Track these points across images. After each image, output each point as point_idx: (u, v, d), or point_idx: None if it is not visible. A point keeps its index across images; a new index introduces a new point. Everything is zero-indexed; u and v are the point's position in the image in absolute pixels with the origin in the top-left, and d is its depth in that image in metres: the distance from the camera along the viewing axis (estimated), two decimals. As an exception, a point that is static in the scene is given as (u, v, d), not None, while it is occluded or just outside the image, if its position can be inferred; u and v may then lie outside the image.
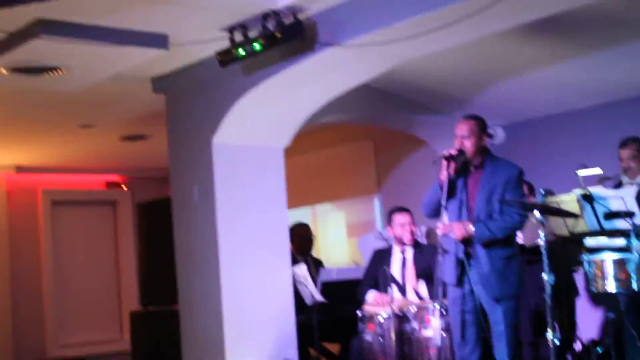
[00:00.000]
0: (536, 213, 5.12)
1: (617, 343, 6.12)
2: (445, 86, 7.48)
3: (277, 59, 6.13)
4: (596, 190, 5.93)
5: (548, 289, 5.04)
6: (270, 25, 5.76)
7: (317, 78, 6.39)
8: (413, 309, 6.01)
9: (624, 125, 6.99)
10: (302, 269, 6.93)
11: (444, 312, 5.49)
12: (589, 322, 7.31)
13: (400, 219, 6.77)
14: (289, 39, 5.74)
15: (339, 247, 9.99)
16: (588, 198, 5.79)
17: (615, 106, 7.36)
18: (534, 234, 6.23)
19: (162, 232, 8.08)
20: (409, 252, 6.74)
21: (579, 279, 7.24)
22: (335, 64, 6.10)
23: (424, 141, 8.76)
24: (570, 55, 6.54)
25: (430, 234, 7.80)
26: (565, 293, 5.78)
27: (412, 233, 6.74)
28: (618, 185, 6.51)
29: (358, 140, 9.76)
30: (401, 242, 6.75)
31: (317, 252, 9.24)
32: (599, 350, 6.47)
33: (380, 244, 7.17)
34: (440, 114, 8.13)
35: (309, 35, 5.85)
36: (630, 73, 6.79)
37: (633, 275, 4.87)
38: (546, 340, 6.41)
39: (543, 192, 5.24)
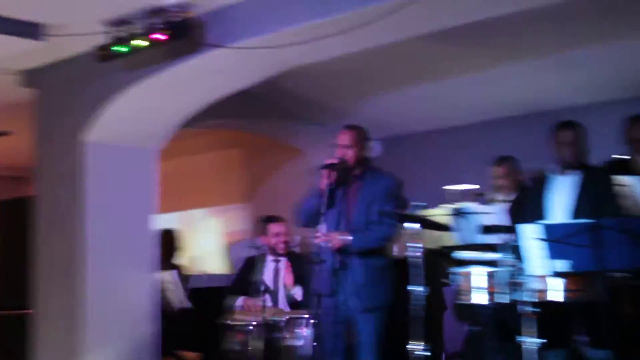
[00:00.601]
0: (413, 225, 5.17)
1: (478, 356, 6.28)
2: (323, 96, 7.52)
3: (160, 58, 6.00)
4: (469, 205, 6.09)
5: (419, 301, 5.09)
6: (156, 22, 5.63)
7: (201, 80, 6.30)
8: (284, 318, 5.96)
9: (498, 143, 7.21)
10: (169, 275, 6.79)
11: (316, 322, 5.45)
12: (455, 335, 7.48)
13: (275, 228, 6.74)
14: (175, 37, 5.63)
15: (211, 253, 9.87)
16: (460, 213, 5.94)
17: (490, 124, 7.57)
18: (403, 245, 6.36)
19: (15, 234, 7.72)
20: (283, 262, 6.70)
21: (448, 292, 7.42)
22: (220, 66, 6.03)
23: (298, 150, 8.77)
24: (450, 73, 6.70)
25: (303, 243, 7.81)
26: (434, 306, 5.85)
27: (287, 242, 6.72)
28: (489, 201, 6.71)
29: (232, 147, 9.71)
30: (275, 252, 6.71)
31: (188, 258, 9.08)
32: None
33: (252, 253, 7.11)
34: (316, 123, 8.17)
35: (196, 35, 5.76)
36: (506, 93, 7.00)
37: (501, 289, 4.99)
38: (411, 353, 6.55)
39: (418, 205, 5.32)
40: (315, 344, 5.43)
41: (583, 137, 5.34)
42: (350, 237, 5.39)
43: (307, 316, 5.81)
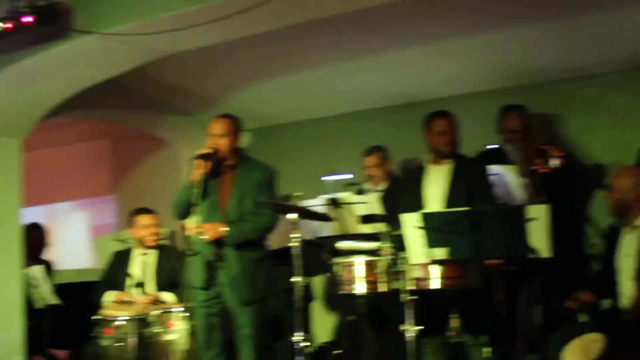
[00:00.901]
0: (291, 215, 5.11)
1: (353, 345, 6.31)
2: (192, 86, 7.34)
3: (25, 44, 5.67)
4: (343, 195, 6.09)
5: (298, 292, 5.05)
6: (21, 5, 5.32)
7: (67, 67, 6.02)
8: (156, 312, 5.79)
9: (370, 134, 7.25)
10: (37, 271, 6.49)
11: (190, 316, 5.32)
12: (322, 325, 7.51)
13: (143, 220, 6.54)
14: (41, 22, 5.34)
15: (78, 248, 9.53)
16: (335, 203, 5.93)
17: (362, 115, 7.59)
18: (280, 237, 6.31)
19: None
20: (152, 255, 6.51)
21: (315, 282, 7.44)
22: (89, 53, 5.79)
23: (166, 141, 8.56)
24: (322, 62, 6.66)
25: (174, 236, 7.64)
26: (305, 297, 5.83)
27: (156, 235, 6.53)
28: (361, 191, 6.74)
29: (98, 138, 9.39)
30: (143, 245, 6.51)
31: (55, 253, 8.73)
32: (335, 352, 6.64)
33: (119, 246, 6.89)
34: (184, 114, 7.97)
35: (64, 20, 5.47)
36: (379, 84, 7.03)
37: (381, 277, 5.01)
38: (284, 344, 6.51)
39: (296, 196, 5.27)
40: (190, 337, 5.28)
41: (455, 127, 5.43)
42: (224, 229, 5.29)
43: (181, 309, 5.65)
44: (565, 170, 6.09)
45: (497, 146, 6.41)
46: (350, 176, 6.77)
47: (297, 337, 5.12)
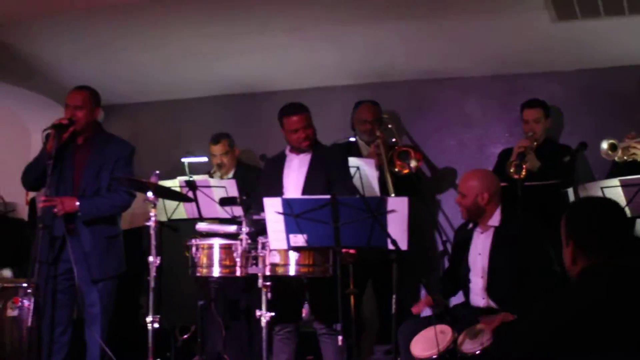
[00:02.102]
0: (149, 194, 4.95)
1: (203, 329, 6.20)
2: (43, 55, 6.93)
3: None
4: (201, 178, 5.97)
5: (153, 272, 4.90)
6: None
7: None
8: (-2, 288, 5.47)
9: (227, 119, 7.16)
10: None
11: (36, 292, 5.04)
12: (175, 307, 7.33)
13: None
14: None
15: None
16: (192, 185, 5.81)
17: (220, 100, 7.50)
18: (132, 216, 6.13)
19: None
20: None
21: (167, 265, 7.23)
22: None
23: (12, 111, 8.11)
24: (182, 43, 6.49)
25: (16, 208, 7.29)
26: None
27: None
28: (215, 176, 6.63)
29: None
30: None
31: None
32: (186, 335, 6.52)
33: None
34: (33, 84, 7.54)
35: None
36: (239, 69, 6.92)
37: (238, 262, 4.93)
38: (132, 325, 6.32)
39: (154, 175, 5.10)
40: (34, 314, 5.01)
41: (309, 121, 5.38)
42: (77, 203, 5.07)
43: (25, 285, 5.35)
44: (420, 171, 6.23)
45: (352, 139, 6.48)
46: (206, 159, 6.66)
47: (149, 318, 4.95)
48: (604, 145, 5.35)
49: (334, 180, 5.22)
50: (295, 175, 5.38)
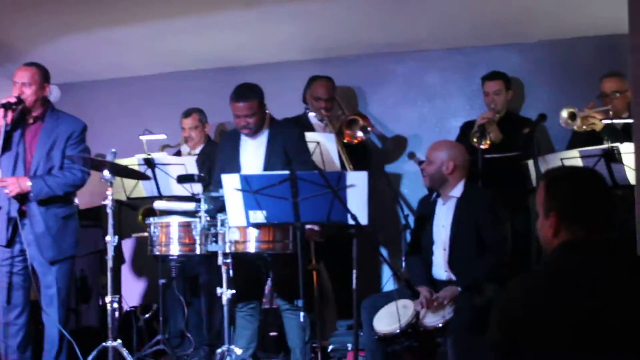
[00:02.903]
0: (106, 172, 4.81)
1: (164, 308, 6.12)
2: (1, 34, 6.75)
3: None
4: (159, 156, 5.85)
5: (111, 252, 4.77)
6: None
7: None
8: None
9: (185, 96, 7.02)
10: None
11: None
12: (133, 288, 7.24)
13: None
14: None
15: None
16: (150, 163, 5.69)
17: (180, 76, 7.34)
18: (90, 196, 5.98)
19: None
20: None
21: (126, 244, 7.14)
22: None
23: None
24: (141, 19, 6.30)
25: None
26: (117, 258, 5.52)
27: None
28: (177, 153, 6.52)
29: None
30: None
31: None
32: (146, 315, 6.43)
33: None
34: (-12, 63, 7.36)
35: None
36: (196, 46, 6.78)
37: (197, 239, 4.82)
38: (90, 306, 6.20)
39: (111, 153, 4.95)
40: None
41: (257, 107, 5.14)
42: (29, 183, 4.91)
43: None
44: (370, 141, 6.15)
45: (303, 114, 6.39)
46: (165, 136, 6.54)
47: (108, 298, 4.82)
48: (564, 113, 5.32)
49: (293, 156, 5.11)
50: (253, 153, 5.23)
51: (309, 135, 5.57)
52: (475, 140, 5.54)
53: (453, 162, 4.78)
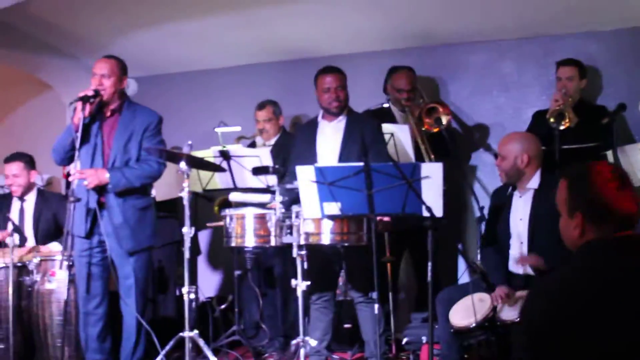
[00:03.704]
0: (182, 164, 4.82)
1: (240, 299, 6.14)
2: (78, 28, 6.85)
3: None
4: (234, 148, 5.86)
5: (187, 243, 4.78)
6: None
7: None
8: (36, 260, 5.40)
9: (260, 88, 7.02)
10: None
11: (71, 264, 4.96)
12: (210, 279, 7.30)
13: (9, 169, 6.08)
14: None
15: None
16: (225, 155, 5.70)
17: (254, 68, 7.35)
18: (167, 187, 6.03)
19: None
20: (29, 201, 6.10)
21: (202, 236, 7.19)
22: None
23: (49, 85, 8.05)
24: (215, 12, 6.33)
25: (53, 181, 7.23)
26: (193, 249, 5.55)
27: (20, 186, 6.04)
28: (252, 145, 6.52)
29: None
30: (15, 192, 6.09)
31: None
32: (222, 306, 6.47)
33: None
34: (69, 57, 7.48)
35: None
36: (270, 37, 6.78)
37: (272, 231, 4.82)
38: (167, 297, 6.25)
39: (187, 145, 4.97)
40: (69, 287, 4.94)
41: (343, 84, 5.24)
42: (108, 175, 4.95)
43: (60, 258, 5.27)
44: (451, 130, 6.05)
45: (385, 105, 6.32)
46: (240, 128, 6.56)
47: (185, 289, 4.84)
48: None
49: (369, 148, 5.05)
50: (330, 142, 5.22)
51: (384, 127, 5.51)
52: (552, 120, 5.39)
53: (527, 154, 4.64)
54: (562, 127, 5.37)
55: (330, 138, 5.22)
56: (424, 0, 6.09)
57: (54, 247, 5.82)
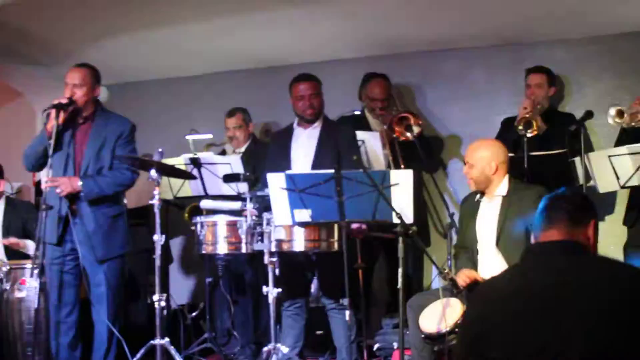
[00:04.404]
0: (153, 172, 4.82)
1: (211, 306, 6.14)
2: (49, 35, 6.82)
3: None
4: (205, 155, 5.87)
5: (159, 251, 4.78)
6: None
7: None
8: (5, 269, 5.37)
9: (231, 95, 7.04)
10: None
11: (41, 273, 4.94)
12: (181, 286, 7.29)
13: None
14: None
15: None
16: (196, 162, 5.71)
17: (225, 76, 7.37)
18: (138, 195, 6.02)
19: None
20: (-1, 209, 6.08)
21: (174, 243, 7.18)
22: None
23: (19, 92, 8.01)
24: (187, 20, 6.33)
25: (22, 189, 7.20)
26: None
27: None
28: (222, 153, 6.54)
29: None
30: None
31: None
32: (193, 313, 6.47)
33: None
34: (39, 64, 7.45)
35: None
36: (241, 46, 6.79)
37: (243, 238, 4.84)
38: (138, 305, 6.24)
39: (158, 153, 4.98)
40: (40, 295, 4.92)
41: (317, 91, 5.29)
42: (80, 183, 4.95)
43: (31, 266, 5.25)
44: (422, 139, 6.09)
45: (358, 112, 6.35)
46: (211, 136, 6.57)
47: (156, 296, 4.84)
48: (612, 111, 5.21)
49: (343, 155, 5.09)
50: (304, 149, 5.26)
51: (357, 134, 5.55)
52: (520, 128, 5.46)
53: (495, 161, 4.70)
54: (529, 135, 5.44)
55: (304, 145, 5.26)
56: (396, 8, 6.12)
57: (31, 243, 5.78)
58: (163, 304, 4.87)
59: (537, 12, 6.00)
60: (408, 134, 5.97)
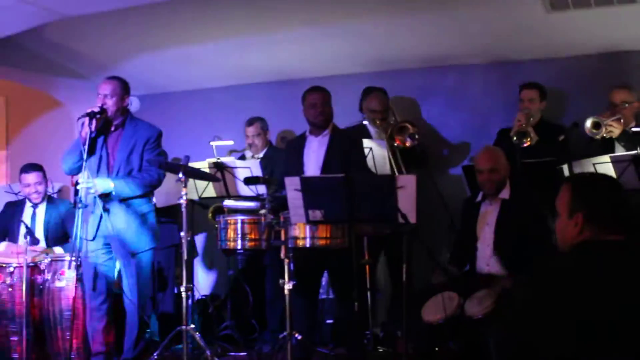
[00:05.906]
0: (180, 174, 4.81)
1: (232, 297, 6.13)
2: (87, 50, 6.84)
3: None
4: (227, 159, 5.86)
5: (185, 246, 4.76)
6: None
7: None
8: (47, 261, 5.37)
9: (250, 106, 7.03)
10: None
11: (79, 265, 4.93)
12: (204, 279, 7.28)
13: (26, 178, 6.05)
14: None
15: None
16: (219, 166, 5.69)
17: (246, 88, 7.36)
18: (167, 196, 6.02)
19: None
20: (41, 207, 6.07)
21: (199, 239, 7.17)
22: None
23: (60, 102, 8.02)
24: (213, 36, 6.33)
25: (63, 190, 7.20)
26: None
27: (38, 193, 6.03)
28: (242, 158, 6.53)
29: (-9, 95, 8.67)
30: (30, 200, 6.06)
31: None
32: (216, 303, 6.45)
33: (11, 198, 6.38)
34: (79, 77, 7.46)
35: None
36: (260, 60, 6.78)
37: (262, 236, 4.82)
38: (166, 295, 6.20)
39: (184, 157, 4.98)
40: (77, 285, 4.92)
41: (327, 101, 5.26)
42: (112, 184, 4.95)
43: (69, 259, 5.26)
44: (421, 146, 6.07)
45: (363, 122, 6.33)
46: (233, 142, 6.57)
47: (183, 287, 4.82)
48: (588, 123, 5.25)
49: (352, 161, 5.07)
50: (315, 155, 5.23)
51: (364, 142, 5.53)
52: (515, 138, 5.44)
53: (508, 167, 4.74)
54: (524, 145, 5.42)
55: (315, 151, 5.23)
56: (398, 27, 6.10)
57: (59, 250, 5.80)
58: (189, 293, 4.86)
59: (529, 33, 5.98)
60: (408, 142, 5.95)
